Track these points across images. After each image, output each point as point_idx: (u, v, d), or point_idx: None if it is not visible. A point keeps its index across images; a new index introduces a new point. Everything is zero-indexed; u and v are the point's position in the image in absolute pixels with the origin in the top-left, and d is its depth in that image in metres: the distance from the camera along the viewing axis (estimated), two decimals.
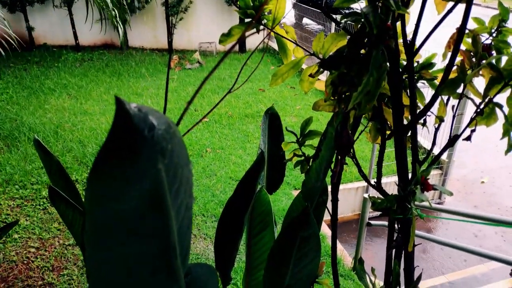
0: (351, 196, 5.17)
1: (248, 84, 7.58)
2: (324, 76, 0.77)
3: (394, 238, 0.92)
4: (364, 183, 5.13)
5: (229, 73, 7.90)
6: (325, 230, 4.09)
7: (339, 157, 0.80)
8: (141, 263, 0.44)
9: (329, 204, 1.01)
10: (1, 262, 2.59)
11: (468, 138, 0.84)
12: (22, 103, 5.60)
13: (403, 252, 0.90)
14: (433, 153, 0.91)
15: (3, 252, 2.66)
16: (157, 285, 0.48)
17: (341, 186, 4.96)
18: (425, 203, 3.25)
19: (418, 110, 0.84)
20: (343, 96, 0.77)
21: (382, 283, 0.95)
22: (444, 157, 5.42)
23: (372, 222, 3.40)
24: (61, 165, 1.01)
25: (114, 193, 0.37)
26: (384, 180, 0.91)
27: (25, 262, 2.61)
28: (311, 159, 1.04)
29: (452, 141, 0.85)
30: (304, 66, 4.09)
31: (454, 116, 0.90)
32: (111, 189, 0.37)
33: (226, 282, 1.07)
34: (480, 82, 0.86)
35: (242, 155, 5.00)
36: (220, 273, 1.06)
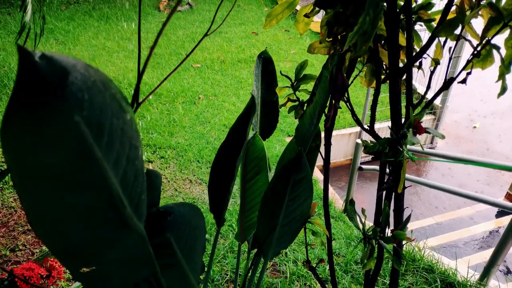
0: (343, 141, 5.23)
1: (240, 27, 7.36)
2: (319, 18, 0.75)
3: (385, 180, 0.94)
4: (357, 129, 5.17)
5: (220, 15, 7.62)
6: (317, 175, 4.18)
7: (333, 101, 0.80)
8: (88, 214, 0.44)
9: (322, 149, 1.02)
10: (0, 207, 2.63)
11: (464, 81, 0.83)
12: (8, 49, 5.42)
13: (393, 193, 0.93)
14: (426, 98, 0.91)
15: (1, 199, 2.70)
16: (110, 234, 0.49)
17: (334, 132, 5.00)
18: (417, 147, 3.30)
19: (414, 53, 0.83)
20: (338, 37, 0.75)
21: (372, 224, 0.98)
22: (437, 102, 5.43)
23: (364, 166, 3.47)
24: None
25: (33, 146, 0.35)
26: (376, 125, 0.91)
27: None
28: (305, 104, 1.04)
29: (448, 83, 0.85)
30: (298, 7, 3.94)
31: (450, 59, 0.89)
32: (27, 142, 0.35)
33: (220, 223, 1.10)
34: (477, 24, 0.84)
35: (236, 102, 4.97)
36: (214, 215, 1.09)
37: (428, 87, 0.94)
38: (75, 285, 1.99)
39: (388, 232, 0.89)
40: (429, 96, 4.82)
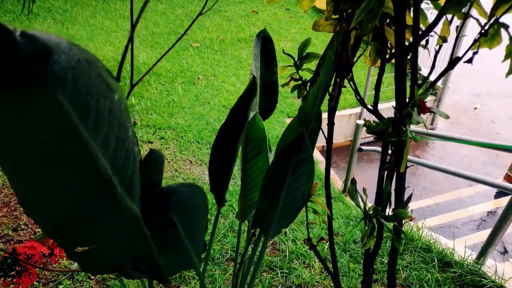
0: (344, 122, 5.23)
1: (240, 6, 7.25)
2: None
3: (387, 161, 0.94)
4: (357, 110, 5.16)
5: None
6: (317, 156, 4.19)
7: (338, 80, 0.79)
8: (78, 192, 0.44)
9: (324, 130, 1.02)
10: (1, 187, 2.64)
11: (470, 61, 0.82)
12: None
13: (395, 173, 0.93)
14: (429, 80, 0.90)
15: (2, 179, 2.70)
16: (102, 214, 0.49)
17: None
18: (418, 128, 3.29)
19: (420, 32, 0.82)
20: (344, 14, 0.74)
21: (371, 205, 0.99)
22: (438, 83, 5.41)
23: (364, 147, 3.48)
24: None
25: (17, 127, 0.35)
26: (378, 106, 0.91)
27: None
28: (308, 84, 1.03)
29: (453, 63, 0.83)
30: None
31: (457, 38, 0.88)
32: (11, 123, 0.35)
33: (221, 203, 1.11)
34: (486, 2, 0.82)
35: (235, 83, 4.94)
36: (215, 195, 1.10)
37: (433, 67, 0.93)
38: (77, 264, 2.01)
39: (389, 211, 0.89)
40: (433, 77, 4.80)
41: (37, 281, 2.01)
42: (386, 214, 0.90)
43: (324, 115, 1.44)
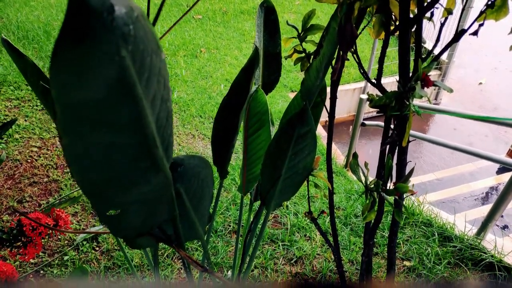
0: (347, 97, 5.19)
1: None
2: None
3: (389, 135, 0.94)
4: (361, 84, 5.11)
5: None
6: (320, 131, 4.18)
7: (341, 52, 0.78)
8: (122, 153, 0.45)
9: (327, 104, 1.01)
10: (4, 159, 2.66)
11: (475, 33, 0.81)
12: (6, 0, 5.26)
13: (397, 147, 0.93)
14: (433, 53, 0.88)
15: (6, 151, 2.72)
16: (142, 173, 0.49)
17: (338, 87, 4.95)
18: (422, 103, 3.26)
19: (425, 3, 0.80)
20: None
21: (373, 179, 0.99)
22: (443, 57, 5.32)
23: (366, 122, 3.46)
24: (38, 67, 0.88)
25: (79, 81, 0.35)
26: (382, 80, 0.90)
27: (29, 161, 2.69)
28: (312, 56, 1.01)
29: (458, 35, 0.82)
30: None
31: (463, 9, 0.86)
32: (74, 77, 0.35)
33: (223, 175, 1.12)
34: None
35: (238, 56, 4.88)
36: (217, 167, 1.10)
37: (438, 40, 0.92)
38: (82, 236, 2.05)
39: (390, 185, 0.90)
40: (438, 50, 4.72)
41: (43, 251, 2.05)
42: (387, 188, 0.90)
43: (328, 90, 1.43)
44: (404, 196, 0.96)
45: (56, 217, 1.31)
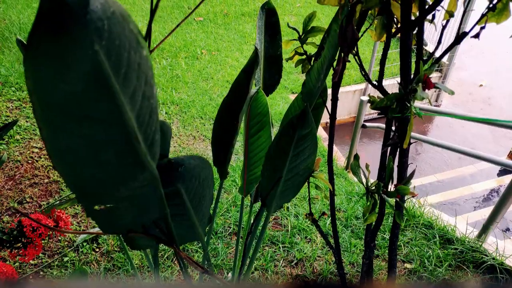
0: (348, 99, 5.19)
1: None
2: None
3: (390, 137, 0.94)
4: (362, 86, 5.11)
5: None
6: (321, 132, 4.18)
7: (342, 54, 0.78)
8: (104, 148, 0.45)
9: (328, 106, 1.01)
10: (5, 160, 2.67)
11: (477, 36, 0.81)
12: (8, 2, 5.27)
13: (398, 149, 0.93)
14: (434, 56, 0.89)
15: (7, 152, 2.72)
16: (126, 169, 0.50)
17: (340, 89, 4.95)
18: (422, 105, 3.26)
19: (426, 6, 0.80)
20: None
21: (374, 181, 0.99)
22: (444, 59, 5.32)
23: (367, 124, 3.46)
24: None
25: (52, 72, 0.36)
26: (383, 82, 0.89)
27: (30, 161, 2.69)
28: (313, 58, 1.01)
29: (460, 38, 0.82)
30: None
31: (464, 12, 0.86)
32: (48, 68, 0.36)
33: (223, 176, 1.11)
34: None
35: (239, 58, 4.88)
36: (218, 168, 1.10)
37: (439, 42, 0.92)
38: (82, 237, 2.05)
39: (391, 187, 0.89)
40: (439, 52, 4.72)
41: (43, 253, 2.05)
42: (389, 190, 0.90)
43: (329, 91, 1.43)
44: (405, 198, 0.96)
45: (56, 218, 1.31)
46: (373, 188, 0.89)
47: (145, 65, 0.43)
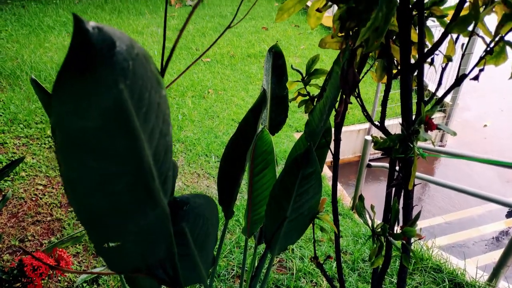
0: (352, 138, 5.21)
1: (250, 22, 7.34)
2: (331, 13, 0.74)
3: (395, 177, 0.93)
4: (366, 126, 5.14)
5: (231, 10, 7.61)
6: (326, 171, 4.16)
7: (344, 96, 0.79)
8: (118, 182, 0.46)
9: (332, 146, 1.02)
10: (10, 198, 2.67)
11: (476, 78, 0.82)
12: (22, 41, 5.47)
13: (403, 190, 0.92)
14: (436, 96, 0.90)
15: (12, 189, 2.73)
16: (138, 204, 0.50)
17: (343, 128, 4.98)
18: (427, 145, 3.26)
19: (426, 49, 0.82)
20: (350, 32, 0.74)
21: (380, 222, 0.97)
22: (447, 100, 5.38)
23: (372, 163, 3.45)
24: None
25: (76, 109, 0.38)
26: (386, 122, 0.90)
27: (34, 199, 2.69)
28: (316, 99, 1.03)
29: (459, 80, 0.83)
30: (310, 2, 3.90)
31: (462, 55, 0.88)
32: (75, 105, 0.37)
33: (229, 215, 1.11)
34: (490, 20, 0.82)
35: (245, 97, 4.97)
36: (223, 207, 1.10)
37: (440, 83, 0.93)
38: (82, 277, 2.01)
39: (397, 229, 0.88)
40: (440, 93, 4.76)
41: None
42: (395, 232, 0.89)
43: (333, 131, 1.44)
44: (412, 241, 0.94)
45: (57, 257, 1.29)
46: (379, 230, 0.87)
47: (163, 104, 0.46)
